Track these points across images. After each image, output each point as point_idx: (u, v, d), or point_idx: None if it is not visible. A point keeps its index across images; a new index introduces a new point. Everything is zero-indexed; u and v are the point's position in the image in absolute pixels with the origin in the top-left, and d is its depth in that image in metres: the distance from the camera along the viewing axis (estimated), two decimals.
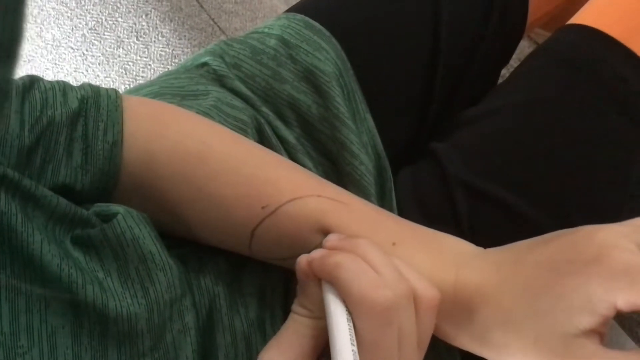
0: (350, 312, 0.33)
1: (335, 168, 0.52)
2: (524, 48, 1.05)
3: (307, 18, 0.55)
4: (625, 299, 0.31)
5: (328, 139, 0.52)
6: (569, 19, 0.55)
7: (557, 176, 0.48)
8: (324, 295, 0.35)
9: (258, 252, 0.43)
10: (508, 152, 0.49)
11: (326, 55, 0.53)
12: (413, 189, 0.52)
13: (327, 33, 0.54)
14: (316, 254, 0.36)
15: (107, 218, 0.39)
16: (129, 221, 0.38)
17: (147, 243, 0.38)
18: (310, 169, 0.51)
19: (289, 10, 0.59)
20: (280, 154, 0.50)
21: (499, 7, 0.56)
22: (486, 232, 0.48)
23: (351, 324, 0.33)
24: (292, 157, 0.51)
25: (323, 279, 0.35)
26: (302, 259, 0.36)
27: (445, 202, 0.49)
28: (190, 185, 0.41)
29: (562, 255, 0.34)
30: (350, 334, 0.32)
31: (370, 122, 0.54)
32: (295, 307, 0.36)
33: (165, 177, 0.42)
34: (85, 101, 0.40)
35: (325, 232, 0.40)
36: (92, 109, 0.40)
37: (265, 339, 0.44)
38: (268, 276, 0.45)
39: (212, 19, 0.74)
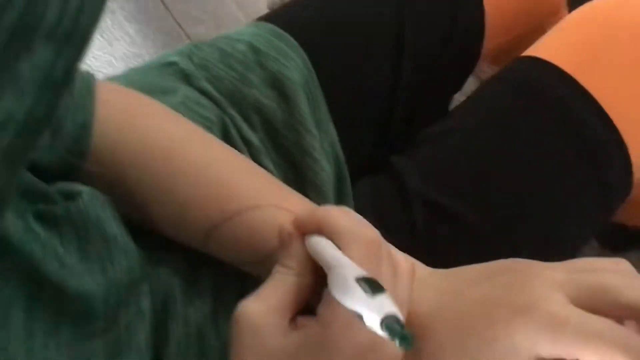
0: (340, 248, 0.34)
1: (296, 172, 0.53)
2: (470, 83, 1.10)
3: (276, 27, 0.57)
4: (548, 353, 0.32)
5: (291, 144, 0.53)
6: (517, 54, 0.59)
7: (506, 196, 0.50)
8: (310, 242, 0.35)
9: (214, 253, 0.43)
10: (462, 169, 0.52)
11: (294, 64, 0.55)
12: (372, 199, 0.54)
13: (295, 43, 0.56)
14: (302, 213, 0.37)
15: (70, 196, 0.39)
16: (93, 202, 0.38)
17: (109, 225, 0.38)
18: (271, 172, 0.52)
19: (258, 19, 0.60)
20: (244, 155, 0.51)
21: (459, 33, 0.59)
22: (441, 244, 0.50)
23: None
24: (255, 159, 0.52)
25: (310, 231, 0.36)
26: (284, 225, 0.37)
27: (402, 213, 0.51)
28: (153, 179, 0.42)
29: (497, 297, 0.35)
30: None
31: (333, 131, 0.56)
32: (276, 267, 0.36)
33: (129, 168, 0.42)
34: None
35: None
36: None
37: (218, 333, 0.44)
38: (225, 272, 0.46)
39: (178, 23, 0.74)
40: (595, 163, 0.50)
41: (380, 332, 0.26)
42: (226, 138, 0.51)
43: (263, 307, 0.34)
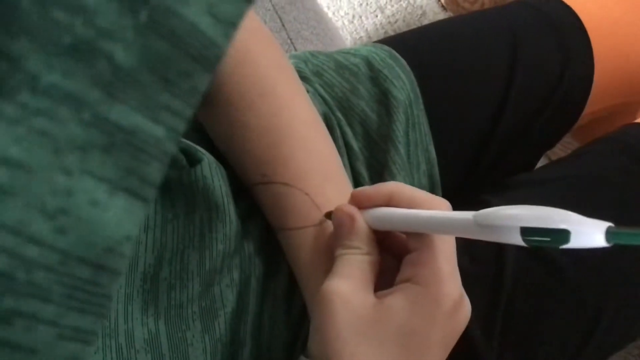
0: None
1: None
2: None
3: (392, 50, 0.60)
4: None
5: (382, 154, 0.55)
6: (599, 133, 0.60)
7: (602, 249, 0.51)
8: (380, 212, 0.37)
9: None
10: None
11: (402, 85, 0.58)
12: None
13: (408, 68, 0.59)
14: (361, 189, 0.39)
15: (191, 160, 0.42)
16: (206, 171, 0.41)
17: (216, 195, 0.41)
18: (365, 179, 0.54)
19: (376, 42, 0.64)
20: (342, 157, 0.53)
21: (566, 84, 0.61)
22: (529, 291, 0.50)
23: None
24: (352, 164, 0.54)
25: (375, 204, 0.37)
26: (341, 205, 0.38)
27: (493, 251, 0.51)
28: (248, 110, 0.44)
29: None
30: None
31: (432, 154, 0.57)
32: (340, 250, 0.37)
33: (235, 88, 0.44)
34: None
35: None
36: None
37: (290, 311, 0.45)
38: None
39: (290, 39, 0.79)
40: None
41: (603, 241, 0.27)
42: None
43: (351, 285, 0.35)
